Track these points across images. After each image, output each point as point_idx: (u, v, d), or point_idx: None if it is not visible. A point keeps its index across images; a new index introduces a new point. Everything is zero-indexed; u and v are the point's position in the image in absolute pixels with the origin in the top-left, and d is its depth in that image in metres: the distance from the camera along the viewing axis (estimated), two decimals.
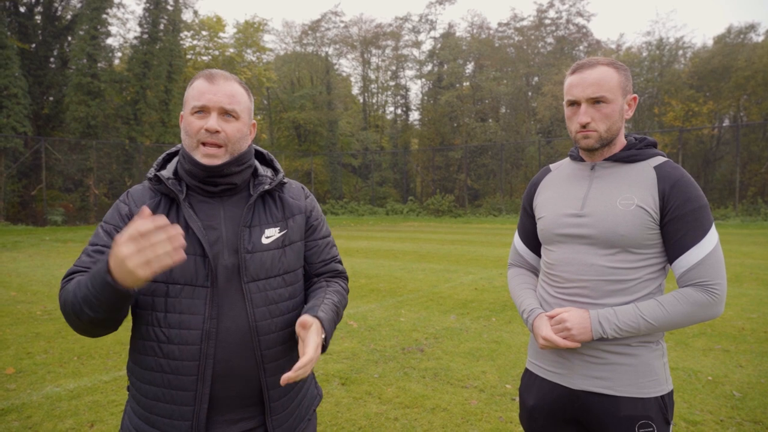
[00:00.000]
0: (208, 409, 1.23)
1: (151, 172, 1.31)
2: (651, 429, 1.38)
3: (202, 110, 1.25)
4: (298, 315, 1.32)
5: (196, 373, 1.21)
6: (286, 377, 1.14)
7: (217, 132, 1.24)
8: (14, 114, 20.31)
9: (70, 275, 1.22)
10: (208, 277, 1.23)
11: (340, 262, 1.52)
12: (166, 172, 1.31)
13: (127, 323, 1.28)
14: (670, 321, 1.36)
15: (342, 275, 1.52)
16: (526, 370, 1.65)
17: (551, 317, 1.45)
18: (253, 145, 1.41)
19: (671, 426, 1.43)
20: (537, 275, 1.70)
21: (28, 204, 22.16)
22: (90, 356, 4.54)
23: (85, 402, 3.54)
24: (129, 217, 1.27)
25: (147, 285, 1.21)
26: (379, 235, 17.46)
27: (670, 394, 1.45)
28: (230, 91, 1.27)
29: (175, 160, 1.37)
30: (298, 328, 1.23)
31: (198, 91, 1.26)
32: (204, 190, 1.29)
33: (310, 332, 1.21)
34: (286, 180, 1.44)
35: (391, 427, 3.19)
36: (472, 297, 6.93)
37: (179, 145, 1.37)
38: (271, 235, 1.32)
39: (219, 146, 1.26)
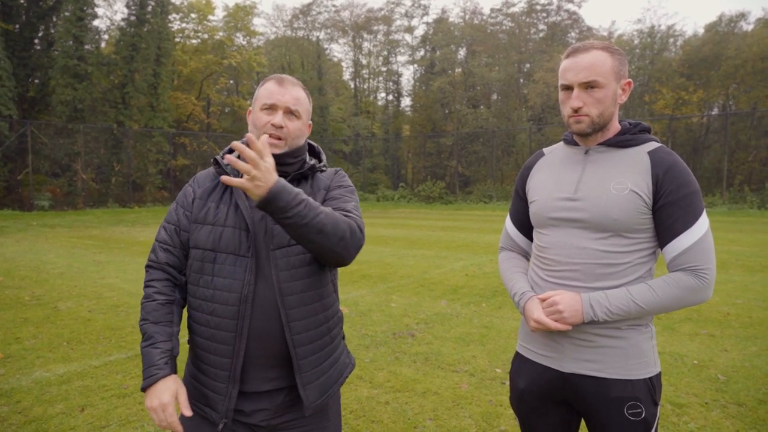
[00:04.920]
0: (246, 365, 1.43)
1: (215, 156, 1.54)
2: (639, 410, 1.40)
3: (271, 108, 1.47)
4: (322, 280, 1.50)
5: (234, 330, 1.40)
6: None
7: (281, 127, 1.46)
8: None
9: (154, 251, 1.52)
10: (249, 249, 1.42)
11: (351, 213, 1.46)
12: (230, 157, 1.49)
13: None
14: (660, 304, 1.37)
15: (350, 216, 1.45)
16: (517, 353, 1.66)
17: (543, 300, 1.46)
18: (308, 141, 1.62)
19: (659, 407, 1.45)
20: (528, 259, 1.71)
21: (15, 188, 21.81)
22: (80, 341, 4.52)
23: (75, 387, 3.53)
24: (192, 201, 1.51)
25: (200, 252, 1.45)
26: (369, 221, 17.46)
27: (658, 375, 1.47)
28: (296, 94, 1.49)
29: None
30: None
31: (269, 91, 1.48)
32: None
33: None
34: (325, 168, 1.61)
35: (382, 410, 3.21)
36: (462, 283, 6.97)
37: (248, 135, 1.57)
38: None
39: (280, 138, 1.46)
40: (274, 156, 1.43)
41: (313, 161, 1.59)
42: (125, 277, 7.31)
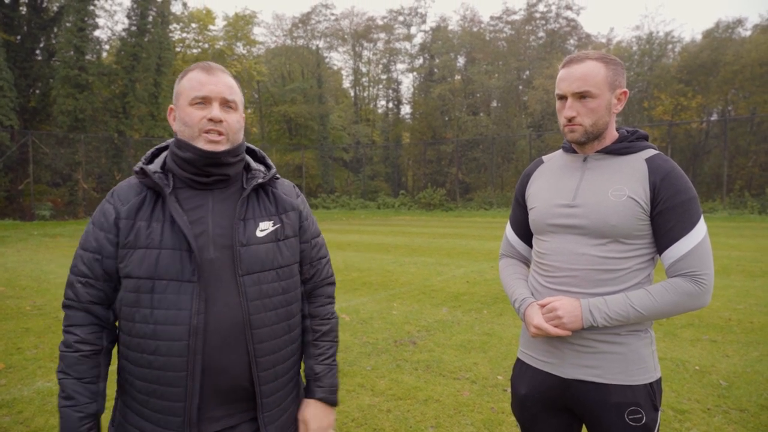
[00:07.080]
0: (200, 404, 1.23)
1: (138, 166, 1.29)
2: (640, 415, 1.41)
3: (204, 101, 1.26)
4: (292, 311, 1.37)
5: (185, 369, 1.20)
6: None
7: (221, 121, 1.26)
8: (0, 107, 20.01)
9: (71, 286, 1.28)
10: (194, 272, 1.21)
11: (328, 262, 1.52)
12: (153, 166, 1.30)
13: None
14: (659, 310, 1.38)
15: (328, 282, 1.51)
16: (518, 359, 1.67)
17: (542, 306, 1.47)
18: (247, 144, 1.43)
19: (659, 412, 1.46)
20: (528, 266, 1.72)
21: (16, 198, 21.87)
22: None
23: None
24: (115, 221, 1.26)
25: (134, 282, 1.23)
26: (370, 228, 17.46)
27: (659, 381, 1.47)
28: (229, 82, 1.30)
29: (164, 154, 1.36)
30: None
31: (198, 82, 1.27)
32: (195, 181, 1.28)
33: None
34: (278, 176, 1.44)
35: (384, 418, 3.21)
36: (463, 290, 6.97)
37: (168, 141, 1.37)
38: (265, 228, 1.32)
39: (221, 134, 1.27)
40: (216, 154, 1.26)
41: (261, 167, 1.41)
42: None
